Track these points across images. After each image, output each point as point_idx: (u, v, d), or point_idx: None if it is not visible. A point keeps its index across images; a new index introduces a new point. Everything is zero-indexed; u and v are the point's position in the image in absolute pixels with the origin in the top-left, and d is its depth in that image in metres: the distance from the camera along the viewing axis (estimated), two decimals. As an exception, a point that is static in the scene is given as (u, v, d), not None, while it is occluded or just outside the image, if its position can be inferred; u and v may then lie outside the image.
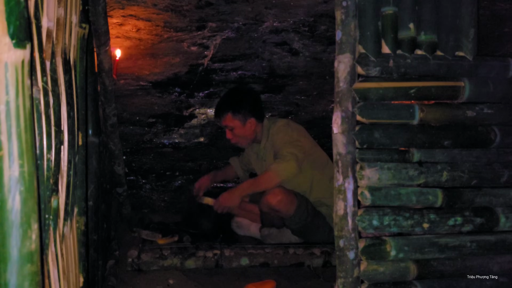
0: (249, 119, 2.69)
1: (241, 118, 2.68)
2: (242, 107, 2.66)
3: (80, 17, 1.29)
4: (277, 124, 2.72)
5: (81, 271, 1.23)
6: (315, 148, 2.74)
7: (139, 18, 2.08)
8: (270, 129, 2.74)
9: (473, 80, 1.44)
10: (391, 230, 1.37)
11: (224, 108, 2.68)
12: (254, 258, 2.32)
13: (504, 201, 1.44)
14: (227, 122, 2.69)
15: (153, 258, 2.24)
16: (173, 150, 3.28)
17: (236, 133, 2.71)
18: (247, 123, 2.70)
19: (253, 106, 2.72)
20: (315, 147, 2.76)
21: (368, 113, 1.36)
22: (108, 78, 2.11)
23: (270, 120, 2.80)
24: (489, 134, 1.45)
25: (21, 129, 0.63)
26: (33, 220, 0.64)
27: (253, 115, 2.70)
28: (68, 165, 1.07)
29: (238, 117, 2.67)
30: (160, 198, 3.51)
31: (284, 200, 2.52)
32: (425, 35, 1.42)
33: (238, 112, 2.66)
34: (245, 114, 2.68)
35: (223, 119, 2.69)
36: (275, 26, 2.24)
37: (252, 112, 2.70)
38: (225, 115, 2.67)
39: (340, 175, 1.33)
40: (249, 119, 2.69)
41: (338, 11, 1.34)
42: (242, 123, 2.69)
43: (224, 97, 2.73)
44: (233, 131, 2.71)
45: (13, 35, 0.62)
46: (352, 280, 1.31)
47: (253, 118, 2.70)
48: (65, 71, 1.06)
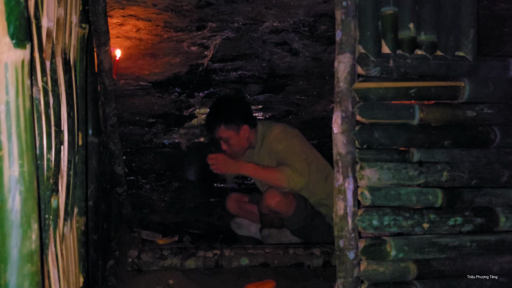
0: (242, 127, 2.63)
1: (234, 127, 2.62)
2: (233, 117, 2.61)
3: (80, 17, 1.29)
4: (273, 131, 2.65)
5: (81, 271, 1.23)
6: (311, 151, 2.72)
7: (139, 18, 2.08)
8: (266, 135, 2.68)
9: (473, 80, 1.44)
10: (391, 230, 1.37)
11: (216, 120, 2.62)
12: (254, 258, 2.32)
13: (504, 201, 1.44)
14: (220, 134, 2.64)
15: (153, 258, 2.24)
16: (173, 150, 3.28)
17: (231, 143, 2.65)
18: (240, 131, 2.63)
19: (244, 113, 2.67)
20: (312, 149, 2.74)
21: (368, 113, 1.36)
22: (108, 78, 2.11)
23: (264, 125, 2.74)
24: (489, 134, 1.45)
25: (21, 129, 0.63)
26: (33, 220, 0.64)
27: (246, 122, 2.64)
28: (68, 165, 1.07)
29: (231, 127, 2.61)
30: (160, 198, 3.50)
31: (283, 201, 2.52)
32: (425, 35, 1.42)
33: (230, 123, 2.61)
34: (237, 122, 2.62)
35: (216, 132, 2.64)
36: (275, 26, 2.24)
37: (244, 119, 2.64)
38: (218, 128, 2.62)
39: (340, 175, 1.33)
40: (242, 126, 2.63)
41: (338, 11, 1.34)
42: (236, 132, 2.63)
43: (213, 109, 2.68)
44: (228, 142, 2.65)
45: (13, 35, 0.62)
46: (352, 280, 1.31)
47: (246, 125, 2.64)
48: (65, 71, 1.06)
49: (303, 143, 2.68)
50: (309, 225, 2.59)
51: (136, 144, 3.20)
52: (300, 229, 2.61)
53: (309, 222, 2.59)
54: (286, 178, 2.48)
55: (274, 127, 2.69)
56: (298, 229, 2.62)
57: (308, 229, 2.61)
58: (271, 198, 2.53)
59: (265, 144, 2.69)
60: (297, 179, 2.48)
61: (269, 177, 2.55)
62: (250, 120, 2.68)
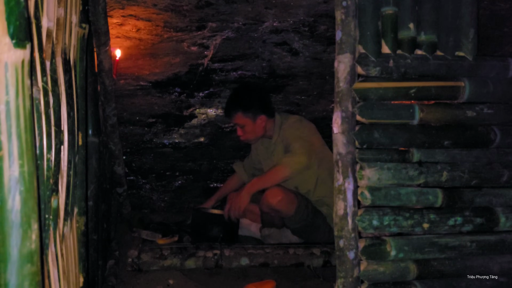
0: (259, 116, 2.71)
1: (251, 115, 2.69)
2: (252, 105, 2.68)
3: (80, 17, 1.29)
4: (289, 120, 2.75)
5: (81, 271, 1.23)
6: (324, 147, 2.74)
7: (139, 18, 2.08)
8: (282, 125, 2.76)
9: (473, 80, 1.44)
10: (391, 230, 1.36)
11: (234, 107, 2.69)
12: (254, 258, 2.32)
13: (504, 201, 1.44)
14: (237, 120, 2.71)
15: (153, 258, 2.24)
16: (173, 150, 3.28)
17: (246, 130, 2.73)
18: (257, 120, 2.71)
19: (263, 103, 2.74)
20: (324, 146, 2.76)
21: (368, 113, 1.36)
22: (108, 78, 2.11)
23: (282, 116, 2.82)
24: (489, 134, 1.45)
25: (21, 129, 0.63)
26: (33, 220, 0.64)
27: (263, 112, 2.72)
28: (68, 165, 1.07)
29: (248, 115, 2.69)
30: (160, 198, 3.51)
31: (285, 200, 2.52)
32: (425, 35, 1.42)
33: (248, 110, 2.68)
34: (255, 111, 2.69)
35: (233, 117, 2.72)
36: (275, 26, 2.24)
37: (262, 109, 2.71)
38: (236, 114, 2.69)
39: (340, 175, 1.33)
40: (259, 116, 2.71)
41: (338, 11, 1.34)
42: (252, 120, 2.71)
43: (233, 96, 2.74)
44: (243, 128, 2.73)
45: (13, 35, 0.62)
46: (352, 280, 1.31)
47: (263, 114, 2.72)
48: (65, 71, 1.06)
49: (314, 136, 2.73)
50: (310, 224, 2.59)
51: (136, 144, 3.20)
52: (301, 228, 2.61)
53: (310, 221, 2.59)
54: (285, 166, 2.53)
55: (291, 117, 2.80)
56: (298, 229, 2.62)
57: (309, 229, 2.61)
58: (272, 197, 2.53)
59: (281, 133, 2.76)
60: (296, 159, 2.53)
61: (271, 177, 2.58)
62: (268, 110, 2.75)
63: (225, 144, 3.31)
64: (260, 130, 2.75)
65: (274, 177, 2.56)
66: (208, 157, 3.39)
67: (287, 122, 2.75)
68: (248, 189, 2.60)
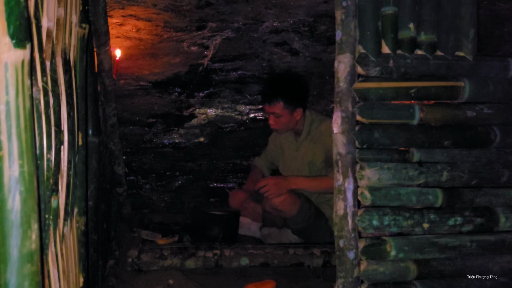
0: (297, 109, 2.59)
1: (290, 108, 2.56)
2: (295, 97, 2.56)
3: (80, 17, 1.29)
4: (325, 122, 2.62)
5: (81, 271, 1.23)
6: None
7: (139, 18, 2.08)
8: (313, 125, 2.66)
9: (473, 80, 1.44)
10: (391, 230, 1.36)
11: (277, 95, 2.52)
12: (254, 258, 2.32)
13: (504, 201, 1.44)
14: (276, 109, 2.55)
15: (153, 258, 2.24)
16: (173, 150, 3.28)
17: (281, 121, 2.60)
18: (294, 112, 2.60)
19: (304, 96, 2.64)
20: None
21: (368, 113, 1.36)
22: (108, 78, 2.11)
23: (313, 114, 2.70)
24: (489, 134, 1.45)
25: (21, 129, 0.63)
26: (33, 220, 0.64)
27: (301, 105, 2.61)
28: (68, 165, 1.07)
29: (288, 107, 2.56)
30: (160, 198, 3.51)
31: (288, 200, 2.51)
32: (425, 35, 1.42)
33: (289, 102, 2.55)
34: (295, 104, 2.57)
35: (272, 105, 2.54)
36: (275, 26, 2.24)
37: (301, 103, 2.61)
38: (276, 103, 2.53)
39: (340, 175, 1.33)
40: (297, 109, 2.59)
41: (338, 11, 1.34)
42: (290, 112, 2.58)
43: (278, 83, 2.57)
44: (279, 118, 2.59)
45: (13, 35, 0.62)
46: (352, 280, 1.31)
47: (301, 108, 2.61)
48: (65, 71, 1.06)
49: None
50: (311, 225, 2.59)
51: (136, 144, 3.20)
52: (302, 229, 2.60)
53: (312, 223, 2.58)
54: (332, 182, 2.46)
55: (326, 119, 2.65)
56: (300, 229, 2.61)
57: (310, 230, 2.60)
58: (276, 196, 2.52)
59: (312, 133, 2.67)
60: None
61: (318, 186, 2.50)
62: (305, 105, 2.65)
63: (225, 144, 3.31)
64: (293, 123, 2.63)
65: (319, 185, 2.50)
66: (208, 157, 3.39)
67: (322, 125, 2.62)
68: (293, 183, 2.49)
